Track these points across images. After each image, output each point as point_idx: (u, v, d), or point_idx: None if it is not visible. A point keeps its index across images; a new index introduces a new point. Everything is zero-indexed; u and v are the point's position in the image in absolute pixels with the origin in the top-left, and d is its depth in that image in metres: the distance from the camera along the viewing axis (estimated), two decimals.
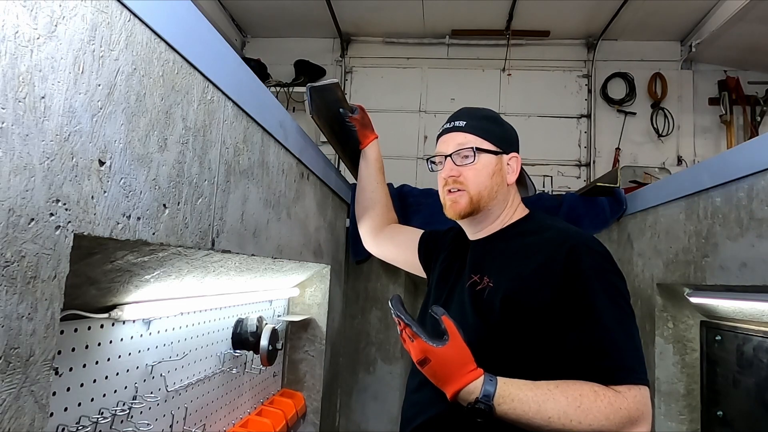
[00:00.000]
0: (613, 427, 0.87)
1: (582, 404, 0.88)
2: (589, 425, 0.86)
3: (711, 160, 1.48)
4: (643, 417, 0.89)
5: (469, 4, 3.26)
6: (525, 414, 0.89)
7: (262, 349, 1.37)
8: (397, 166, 3.42)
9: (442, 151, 1.21)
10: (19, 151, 0.47)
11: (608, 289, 0.98)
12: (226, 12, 3.49)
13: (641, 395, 0.90)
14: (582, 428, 0.86)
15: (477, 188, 1.16)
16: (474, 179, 1.16)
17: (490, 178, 1.17)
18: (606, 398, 0.89)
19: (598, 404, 0.88)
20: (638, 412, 0.89)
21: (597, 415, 0.87)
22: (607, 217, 2.08)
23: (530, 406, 0.89)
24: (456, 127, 1.20)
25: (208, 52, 0.81)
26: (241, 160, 0.96)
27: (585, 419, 0.87)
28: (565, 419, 0.87)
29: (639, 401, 0.90)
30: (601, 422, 0.86)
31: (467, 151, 1.17)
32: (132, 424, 0.94)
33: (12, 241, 0.46)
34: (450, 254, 1.31)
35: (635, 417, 0.88)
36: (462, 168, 1.17)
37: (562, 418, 0.87)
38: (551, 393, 0.90)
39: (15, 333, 0.47)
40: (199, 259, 0.88)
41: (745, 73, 3.45)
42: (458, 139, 1.18)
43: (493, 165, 1.18)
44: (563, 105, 3.61)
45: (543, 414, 0.88)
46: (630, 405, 0.89)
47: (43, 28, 0.49)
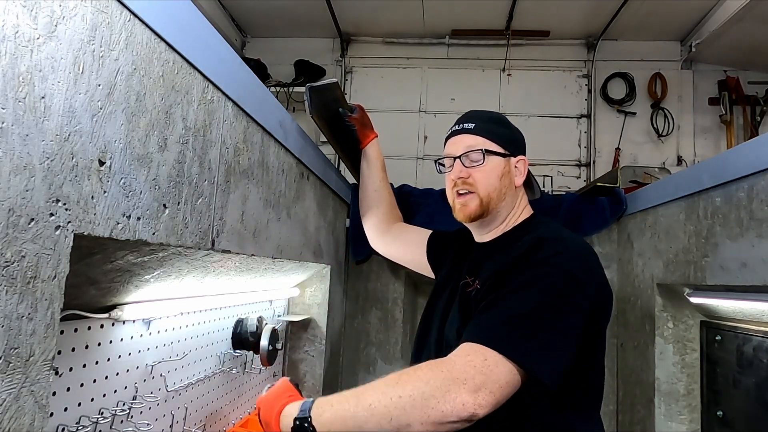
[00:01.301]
0: (435, 391, 0.80)
1: (401, 380, 0.84)
2: (409, 395, 0.81)
3: (711, 160, 1.48)
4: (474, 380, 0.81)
5: (469, 4, 3.26)
6: (347, 411, 0.84)
7: (262, 349, 1.37)
8: (397, 166, 3.42)
9: (450, 153, 1.21)
10: (19, 151, 0.47)
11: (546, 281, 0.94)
12: (226, 12, 3.49)
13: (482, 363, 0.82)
14: (403, 402, 0.81)
15: (486, 190, 1.15)
16: (483, 181, 1.16)
17: (498, 180, 1.16)
18: (428, 366, 0.85)
19: (418, 373, 0.84)
20: (467, 374, 0.81)
21: (416, 383, 0.82)
22: (607, 217, 2.08)
23: (349, 402, 0.85)
24: (465, 129, 1.20)
25: (208, 52, 0.81)
26: (241, 160, 0.96)
27: (404, 391, 0.82)
28: (385, 399, 0.82)
29: (473, 365, 0.82)
30: (421, 388, 0.81)
31: (476, 153, 1.16)
32: (132, 424, 0.94)
33: (12, 241, 0.46)
34: (456, 256, 1.31)
35: (463, 378, 0.81)
36: (471, 170, 1.16)
37: (382, 399, 0.82)
38: (370, 384, 0.87)
39: (15, 333, 0.47)
40: (199, 259, 0.88)
41: (745, 73, 3.45)
42: (467, 141, 1.18)
43: (502, 167, 1.18)
44: (563, 105, 3.61)
45: (363, 403, 0.84)
46: (455, 366, 0.83)
47: (43, 28, 0.49)
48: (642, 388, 1.84)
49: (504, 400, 0.84)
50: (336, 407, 0.86)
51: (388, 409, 0.82)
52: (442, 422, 0.80)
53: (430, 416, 0.80)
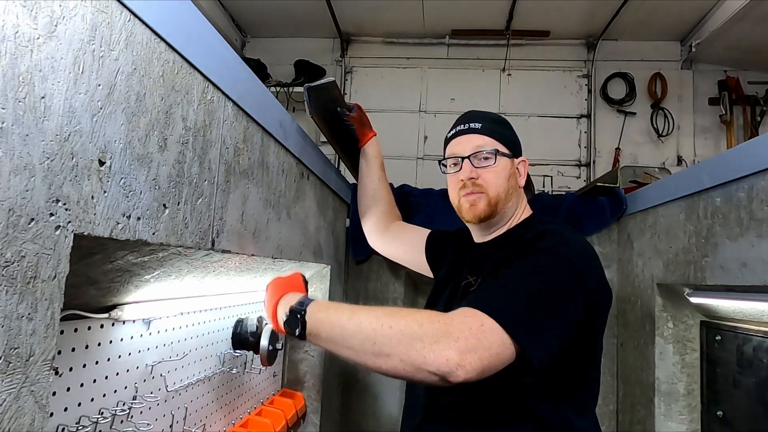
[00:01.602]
0: (424, 336, 0.81)
1: (397, 313, 0.86)
2: (399, 329, 0.82)
3: (711, 160, 1.48)
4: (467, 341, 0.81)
5: (469, 4, 3.26)
6: (338, 320, 0.89)
7: (262, 349, 1.37)
8: (397, 166, 3.42)
9: (458, 153, 1.19)
10: (19, 151, 0.47)
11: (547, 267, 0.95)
12: (226, 12, 3.49)
13: (478, 327, 0.83)
14: (392, 332, 0.83)
15: (496, 190, 1.15)
16: (493, 181, 1.15)
17: (506, 180, 1.16)
18: (428, 312, 0.87)
19: (415, 315, 0.85)
20: (461, 333, 0.81)
21: (410, 322, 0.83)
22: (607, 217, 2.08)
23: (344, 313, 0.89)
24: (472, 129, 1.19)
25: (208, 52, 0.81)
26: (241, 160, 0.96)
27: (396, 323, 0.83)
28: (376, 323, 0.84)
29: (469, 326, 0.83)
30: (413, 328, 0.82)
31: (488, 153, 1.15)
32: (132, 424, 0.94)
33: (12, 241, 0.46)
34: (456, 256, 1.31)
35: (455, 336, 0.81)
36: (481, 170, 1.15)
37: (373, 322, 0.85)
38: (368, 307, 0.91)
39: (15, 333, 0.47)
40: (199, 259, 0.88)
41: (745, 73, 3.45)
42: (476, 141, 1.17)
43: (509, 168, 1.18)
44: (563, 105, 3.61)
45: (355, 318, 0.87)
46: (452, 322, 0.84)
47: (43, 28, 0.49)
48: (642, 388, 1.84)
49: (488, 372, 0.83)
50: (330, 312, 0.91)
51: (376, 333, 0.84)
52: (419, 367, 0.81)
53: (411, 356, 0.81)
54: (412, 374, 0.82)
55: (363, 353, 0.85)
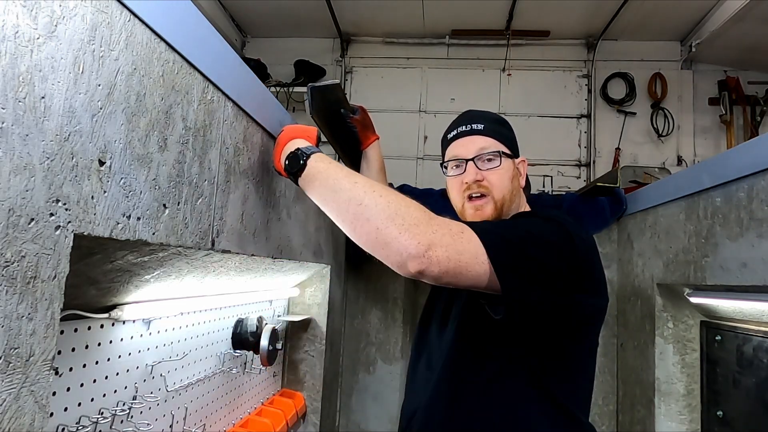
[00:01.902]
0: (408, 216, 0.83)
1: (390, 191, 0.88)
2: (387, 202, 0.85)
3: (711, 160, 1.48)
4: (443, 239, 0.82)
5: (469, 4, 3.27)
6: (335, 174, 0.91)
7: (262, 349, 1.37)
8: (397, 166, 3.42)
9: (461, 155, 1.16)
10: (19, 151, 0.47)
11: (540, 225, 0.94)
12: (226, 12, 3.49)
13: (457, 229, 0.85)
14: (379, 201, 0.85)
15: (501, 193, 1.13)
16: (499, 183, 1.13)
17: (510, 182, 1.15)
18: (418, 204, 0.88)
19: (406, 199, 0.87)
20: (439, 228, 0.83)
21: (399, 201, 0.85)
22: (607, 217, 2.08)
23: (342, 171, 0.93)
24: (475, 130, 1.17)
25: (208, 52, 0.81)
26: (241, 160, 0.96)
27: (386, 197, 0.86)
28: (368, 188, 0.87)
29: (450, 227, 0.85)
30: (399, 206, 0.84)
31: (492, 154, 1.13)
32: (132, 424, 0.94)
33: (12, 241, 0.46)
34: None
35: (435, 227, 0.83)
36: (486, 172, 1.13)
37: (366, 187, 0.87)
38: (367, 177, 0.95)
39: (15, 333, 0.47)
40: (199, 259, 0.88)
41: (745, 73, 3.45)
42: (479, 143, 1.15)
43: (513, 169, 1.16)
44: (563, 105, 3.61)
45: (351, 178, 0.90)
46: (437, 218, 0.86)
47: (43, 28, 0.49)
48: (642, 388, 1.84)
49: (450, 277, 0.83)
50: (331, 166, 0.94)
51: (366, 195, 0.86)
52: (389, 243, 0.83)
53: (387, 228, 0.83)
54: (381, 248, 0.84)
55: (346, 211, 0.88)
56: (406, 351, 2.23)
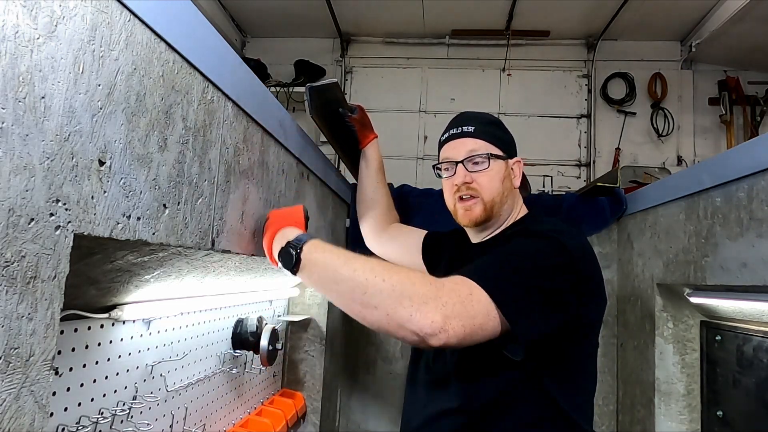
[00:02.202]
0: (415, 295, 0.81)
1: (392, 269, 0.86)
2: (391, 285, 0.82)
3: (711, 160, 1.48)
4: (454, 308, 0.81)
5: (469, 4, 3.26)
6: (333, 263, 0.89)
7: (262, 349, 1.37)
8: (397, 166, 3.42)
9: (451, 157, 1.18)
10: (19, 151, 0.47)
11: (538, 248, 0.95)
12: (226, 12, 3.49)
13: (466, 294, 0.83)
14: (383, 286, 0.83)
15: (491, 194, 1.15)
16: (488, 185, 1.15)
17: (501, 183, 1.16)
18: (422, 274, 0.86)
19: (409, 274, 0.85)
20: (449, 299, 0.82)
21: (403, 279, 0.83)
22: (607, 217, 2.08)
23: (339, 257, 0.89)
24: (465, 133, 1.18)
25: (208, 52, 0.81)
26: (241, 160, 0.96)
27: (389, 278, 0.83)
28: (370, 274, 0.84)
29: (458, 293, 0.83)
30: (405, 285, 0.82)
31: (481, 157, 1.15)
32: (132, 424, 0.94)
33: (12, 241, 0.46)
34: (453, 257, 1.31)
35: (444, 300, 0.81)
36: (475, 174, 1.15)
37: (367, 273, 0.85)
38: (363, 256, 0.90)
39: (15, 333, 0.47)
40: (199, 259, 0.88)
41: (745, 73, 3.45)
42: (469, 145, 1.16)
43: (504, 170, 1.17)
44: (563, 105, 3.61)
45: (350, 265, 0.87)
46: (443, 287, 0.83)
47: (43, 28, 0.49)
48: (642, 388, 1.84)
49: (469, 340, 0.83)
50: (326, 254, 0.91)
51: (368, 282, 0.84)
52: (403, 325, 0.81)
53: (397, 312, 0.81)
54: (395, 330, 0.83)
55: (352, 300, 0.86)
56: (406, 351, 2.23)
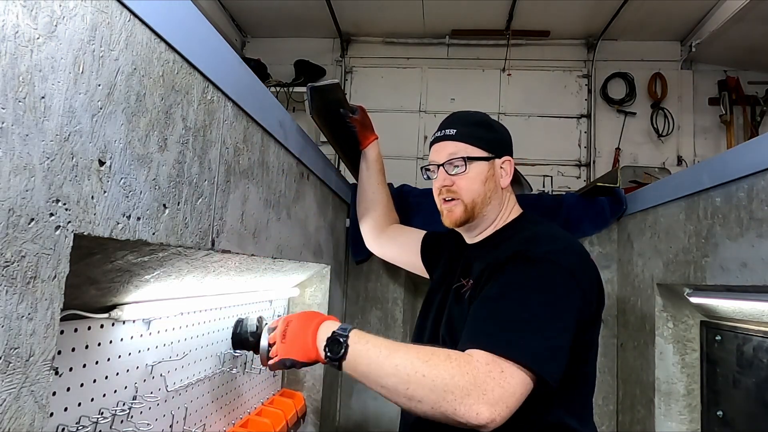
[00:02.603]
0: (455, 388, 0.83)
1: (431, 360, 0.87)
2: (432, 380, 0.84)
3: (711, 160, 1.48)
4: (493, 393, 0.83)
5: (469, 4, 3.26)
6: (376, 357, 0.90)
7: (262, 349, 1.37)
8: (397, 166, 3.41)
9: (434, 161, 1.22)
10: (19, 151, 0.47)
11: (544, 277, 0.96)
12: (226, 12, 3.49)
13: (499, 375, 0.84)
14: (425, 381, 0.85)
15: (470, 197, 1.17)
16: (467, 188, 1.17)
17: (483, 185, 1.17)
18: (457, 361, 0.86)
19: (446, 364, 0.86)
20: (487, 386, 0.83)
21: (443, 372, 0.85)
22: (607, 217, 2.08)
23: (381, 351, 0.90)
24: (446, 136, 1.20)
25: (208, 52, 0.81)
26: (241, 160, 0.96)
27: (429, 372, 0.85)
28: (411, 369, 0.86)
29: (494, 377, 0.84)
30: (445, 379, 0.84)
31: (458, 160, 1.17)
32: (132, 424, 0.94)
33: (12, 241, 0.46)
34: (450, 257, 1.32)
35: (483, 389, 0.83)
36: (455, 177, 1.18)
37: (408, 367, 0.86)
38: (404, 346, 0.92)
39: (15, 333, 0.47)
40: (199, 259, 0.88)
41: (745, 73, 3.45)
42: (449, 149, 1.19)
43: (486, 171, 1.18)
44: (563, 105, 3.61)
45: (392, 360, 0.88)
46: (480, 375, 0.84)
47: (43, 28, 0.49)
48: (642, 388, 1.84)
49: (515, 410, 0.86)
50: (370, 347, 0.92)
51: (410, 378, 0.86)
52: (450, 417, 0.84)
53: (442, 407, 0.83)
54: (443, 420, 0.85)
55: (396, 394, 0.88)
56: None
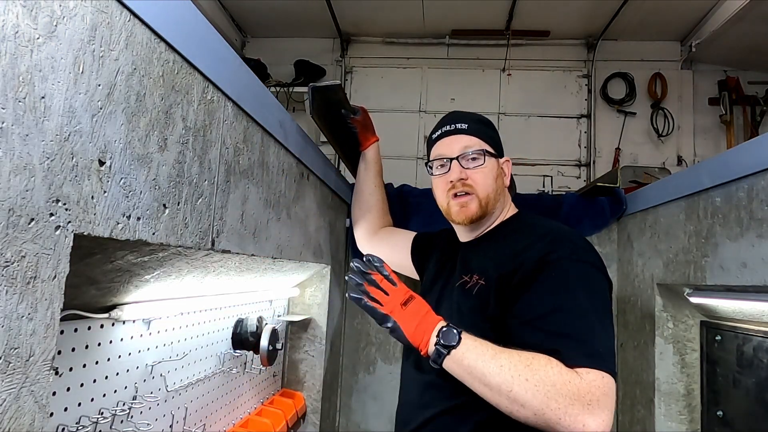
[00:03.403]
0: (559, 396, 0.82)
1: (532, 364, 0.87)
2: (535, 385, 0.84)
3: (711, 160, 1.48)
4: (599, 404, 0.82)
5: (469, 4, 3.26)
6: (483, 354, 0.90)
7: (262, 349, 1.37)
8: (396, 166, 3.42)
9: (445, 154, 1.18)
10: (19, 151, 0.47)
11: (584, 277, 0.97)
12: (226, 12, 3.49)
13: (601, 382, 0.85)
14: (528, 386, 0.84)
15: (486, 191, 1.15)
16: (483, 182, 1.15)
17: (495, 181, 1.17)
18: (558, 367, 0.86)
19: (548, 370, 0.85)
20: (592, 396, 0.83)
21: (544, 379, 0.84)
22: (607, 217, 2.08)
23: (488, 350, 0.91)
24: (459, 130, 1.18)
25: (208, 52, 0.81)
26: (241, 160, 0.96)
27: (532, 377, 0.85)
28: (515, 372, 0.86)
29: (596, 385, 0.84)
30: (547, 387, 0.83)
31: (476, 153, 1.15)
32: (132, 424, 0.94)
33: (12, 241, 0.46)
34: (442, 256, 1.31)
35: (587, 399, 0.83)
36: (470, 171, 1.15)
37: (512, 370, 0.86)
38: (507, 349, 0.91)
39: (15, 333, 0.47)
40: (199, 259, 0.88)
41: (745, 73, 3.45)
42: (464, 142, 1.17)
43: (497, 168, 1.18)
44: (563, 105, 3.61)
45: (496, 361, 0.88)
46: (583, 385, 0.84)
47: (43, 28, 0.49)
48: (642, 388, 1.84)
49: None
50: (479, 344, 0.92)
51: (514, 381, 0.86)
52: (552, 426, 0.83)
53: (546, 414, 0.83)
54: (543, 427, 0.85)
55: (499, 395, 0.88)
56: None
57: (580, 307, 0.93)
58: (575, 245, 1.02)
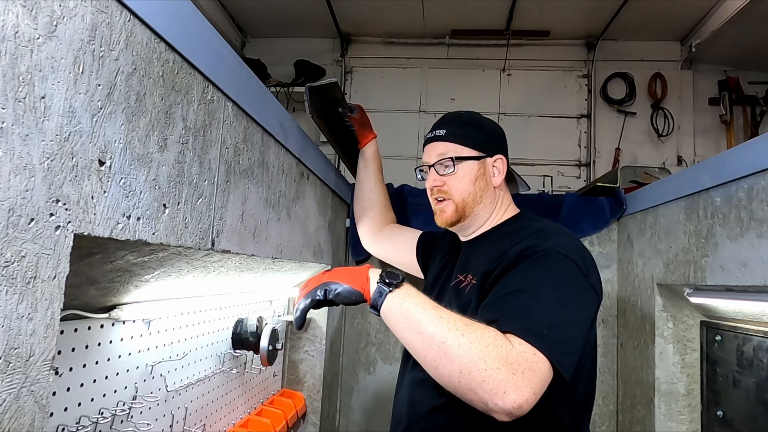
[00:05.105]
0: (488, 358, 0.80)
1: (471, 325, 0.86)
2: (469, 341, 0.82)
3: (711, 160, 1.48)
4: (523, 376, 0.80)
5: (469, 4, 3.26)
6: (424, 303, 0.90)
7: (262, 349, 1.37)
8: (396, 166, 3.41)
9: (426, 161, 1.25)
10: (19, 151, 0.47)
11: (557, 270, 0.95)
12: (226, 12, 3.49)
13: (532, 357, 0.82)
14: (462, 341, 0.82)
15: (461, 196, 1.18)
16: (457, 188, 1.19)
17: (473, 184, 1.18)
18: (494, 332, 0.85)
19: (484, 332, 0.84)
20: (518, 365, 0.81)
21: (479, 338, 0.83)
22: (607, 217, 2.08)
23: (430, 301, 0.91)
24: (436, 137, 1.22)
25: (208, 52, 0.81)
26: (241, 160, 0.96)
27: (468, 334, 0.83)
28: (452, 325, 0.85)
29: (525, 357, 0.82)
30: (480, 346, 0.82)
31: (447, 161, 1.19)
32: (132, 424, 0.94)
33: (12, 241, 0.46)
34: (445, 256, 1.32)
35: (514, 367, 0.80)
36: (445, 177, 1.20)
37: (449, 324, 0.85)
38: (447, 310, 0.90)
39: (15, 333, 0.47)
40: (199, 259, 0.88)
41: (745, 73, 3.45)
42: (439, 149, 1.21)
43: (476, 171, 1.19)
44: (563, 105, 3.61)
45: (438, 311, 0.88)
46: (513, 352, 0.82)
47: (43, 28, 0.49)
48: (642, 388, 1.84)
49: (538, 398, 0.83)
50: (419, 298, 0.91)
51: (450, 333, 0.84)
52: (474, 389, 0.80)
53: (471, 373, 0.80)
54: (464, 392, 0.82)
55: (431, 344, 0.85)
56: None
57: (541, 291, 0.92)
58: (559, 241, 1.02)
